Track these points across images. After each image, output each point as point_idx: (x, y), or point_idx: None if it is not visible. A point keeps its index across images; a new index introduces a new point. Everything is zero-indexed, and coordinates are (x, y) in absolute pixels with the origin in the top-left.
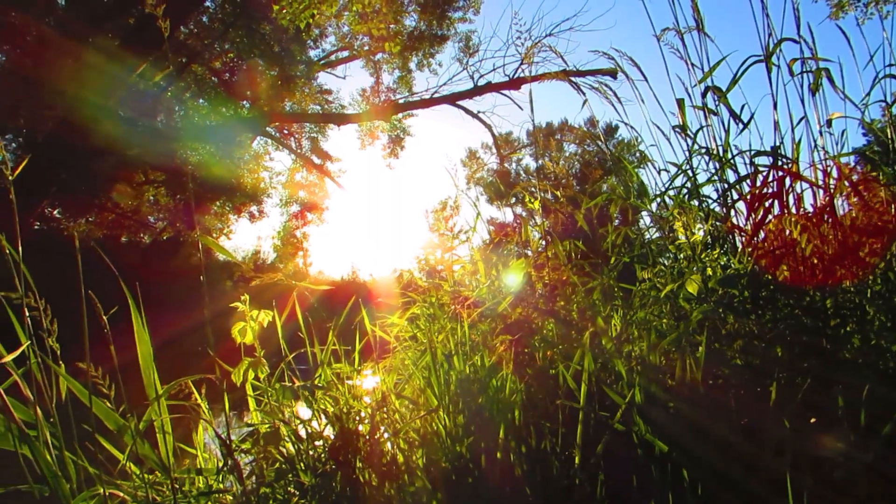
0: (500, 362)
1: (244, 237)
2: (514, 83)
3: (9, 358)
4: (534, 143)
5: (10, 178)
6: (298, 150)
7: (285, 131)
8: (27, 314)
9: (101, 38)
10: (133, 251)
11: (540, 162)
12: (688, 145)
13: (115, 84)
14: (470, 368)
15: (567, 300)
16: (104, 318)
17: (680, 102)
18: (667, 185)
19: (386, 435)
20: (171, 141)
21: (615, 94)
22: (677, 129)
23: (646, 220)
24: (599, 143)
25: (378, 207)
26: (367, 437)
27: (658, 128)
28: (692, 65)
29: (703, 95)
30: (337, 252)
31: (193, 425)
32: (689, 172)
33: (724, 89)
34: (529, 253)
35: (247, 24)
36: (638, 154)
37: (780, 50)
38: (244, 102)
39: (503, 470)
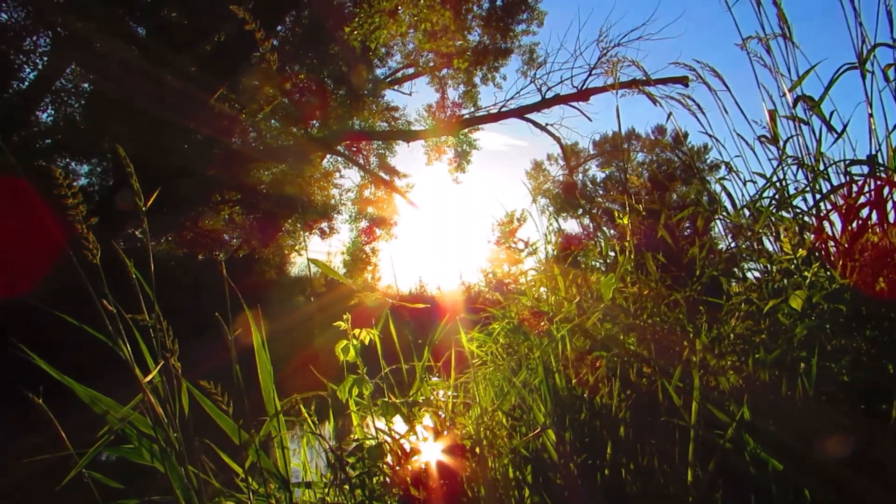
0: (597, 379)
1: (315, 253)
2: (582, 94)
3: (149, 378)
4: (601, 153)
5: (144, 208)
6: (367, 167)
7: (353, 149)
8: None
9: (181, 64)
10: (210, 268)
11: (607, 173)
12: (777, 155)
13: (194, 107)
14: (569, 384)
15: (651, 315)
16: (230, 337)
17: (772, 113)
18: (757, 196)
19: (486, 450)
20: (246, 161)
21: (697, 105)
22: (763, 139)
23: (720, 230)
24: (679, 152)
25: (445, 221)
26: (474, 452)
27: (741, 138)
28: (778, 73)
29: (794, 104)
30: (405, 266)
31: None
32: (780, 183)
33: (814, 98)
34: (598, 265)
35: (316, 46)
36: (709, 163)
37: (875, 56)
38: (314, 122)
39: (615, 486)
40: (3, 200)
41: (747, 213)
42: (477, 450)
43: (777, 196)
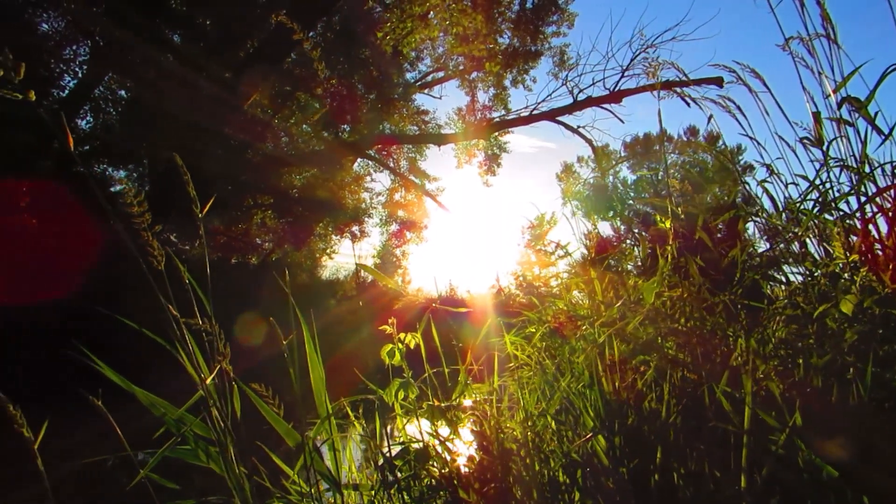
0: (643, 383)
1: (345, 257)
2: (615, 96)
3: (208, 380)
4: (632, 155)
5: (200, 215)
6: (397, 171)
7: (384, 152)
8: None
9: (215, 70)
10: (243, 272)
11: (638, 174)
12: (819, 158)
13: (228, 113)
14: (615, 389)
15: (691, 318)
16: (283, 342)
17: (816, 115)
18: (801, 198)
19: (532, 454)
20: (278, 165)
21: (737, 106)
22: (806, 141)
23: (752, 233)
24: (718, 153)
25: (475, 224)
26: (519, 455)
27: (783, 140)
28: (822, 74)
29: (839, 106)
30: (435, 269)
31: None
32: (823, 186)
33: (860, 99)
34: (631, 267)
35: (346, 51)
36: (743, 164)
37: None
38: (345, 126)
39: (667, 491)
40: (45, 205)
41: (787, 215)
42: (522, 452)
43: (821, 199)
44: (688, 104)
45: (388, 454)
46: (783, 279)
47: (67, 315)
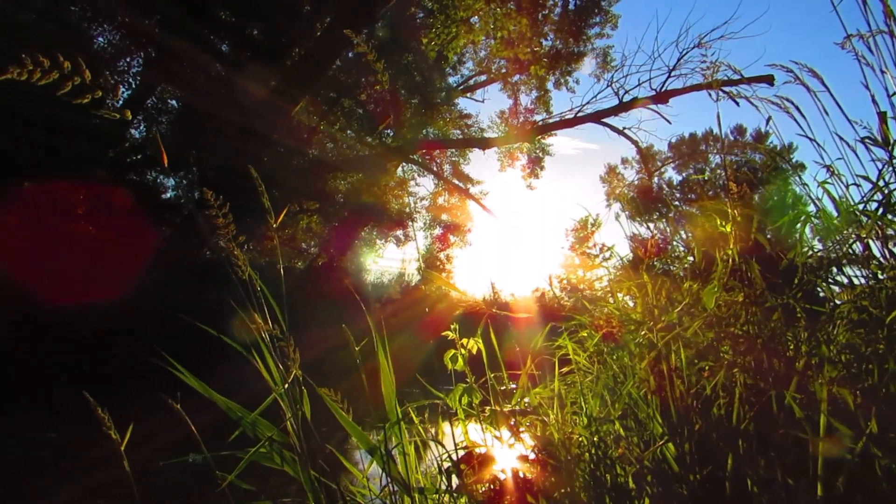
0: (709, 389)
1: (390, 261)
2: (661, 97)
3: (282, 388)
4: (678, 156)
5: (275, 225)
6: (441, 175)
7: (427, 156)
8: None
9: (263, 78)
10: (289, 276)
11: (684, 175)
12: (883, 157)
13: (276, 120)
14: (681, 395)
15: (749, 323)
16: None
17: (882, 115)
18: (865, 199)
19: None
20: (324, 171)
21: (795, 106)
22: (867, 141)
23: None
24: (775, 154)
25: (519, 227)
26: (587, 461)
27: (843, 140)
28: (884, 72)
29: None
30: (478, 272)
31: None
32: (887, 187)
33: None
34: (679, 270)
35: (390, 57)
36: (794, 163)
37: None
38: (388, 131)
39: (741, 499)
40: (101, 212)
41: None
42: (587, 457)
43: (885, 200)
44: (737, 103)
45: (453, 458)
46: (846, 282)
47: (116, 315)
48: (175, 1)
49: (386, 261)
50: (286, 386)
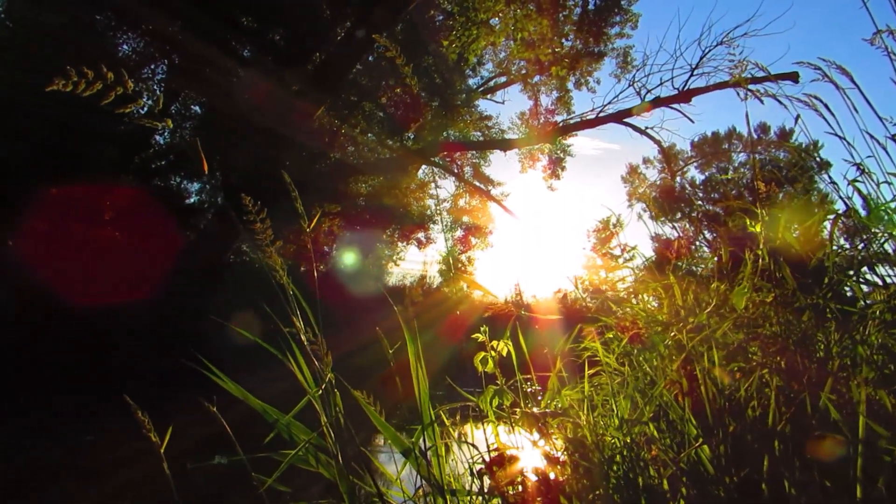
0: (744, 390)
1: (410, 263)
2: (684, 96)
3: (316, 391)
4: (701, 155)
5: (308, 229)
6: (462, 177)
7: (447, 158)
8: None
9: (285, 83)
10: (312, 279)
11: (707, 174)
12: None
13: (298, 124)
14: (715, 396)
15: (779, 324)
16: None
17: None
18: None
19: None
20: (346, 174)
21: (824, 103)
22: None
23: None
24: (799, 151)
25: (540, 228)
26: (619, 463)
27: (872, 137)
28: None
29: None
30: (500, 274)
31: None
32: None
33: None
34: (701, 270)
35: (410, 59)
36: (818, 160)
37: None
38: (409, 134)
39: (777, 500)
40: (127, 217)
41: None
42: (619, 459)
43: None
44: (762, 101)
45: (485, 460)
46: (879, 282)
47: (141, 318)
48: (198, 8)
49: (408, 263)
50: (321, 390)
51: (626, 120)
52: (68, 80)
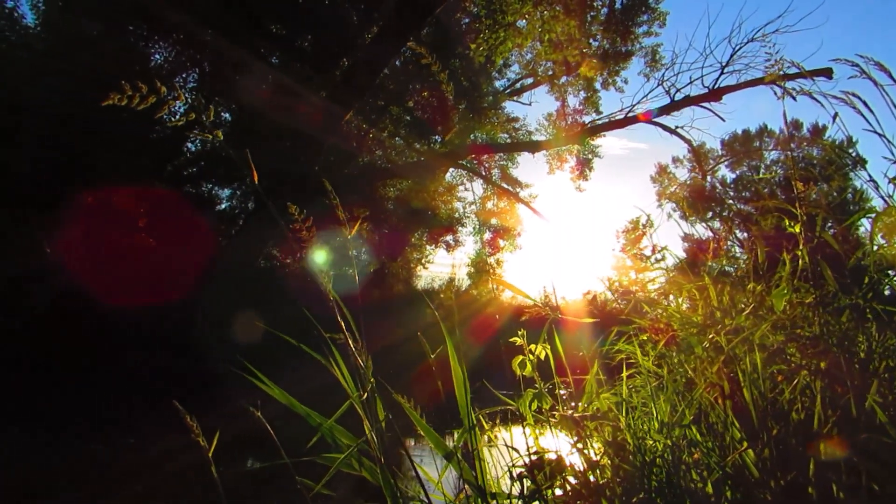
0: (786, 392)
1: (439, 266)
2: (714, 94)
3: (363, 396)
4: (731, 153)
5: (350, 235)
6: (490, 179)
7: (475, 161)
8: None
9: (313, 89)
10: (341, 283)
11: (738, 173)
12: None
13: (326, 131)
14: (759, 399)
15: (823, 325)
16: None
17: None
18: None
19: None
20: (373, 178)
21: (862, 101)
22: None
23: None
24: (834, 149)
25: (568, 229)
26: (661, 467)
27: None
28: None
29: None
30: (528, 275)
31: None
32: None
33: None
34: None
35: (436, 63)
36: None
37: None
38: (436, 137)
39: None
40: (160, 223)
41: None
42: (659, 462)
43: None
44: (794, 98)
45: (525, 464)
46: None
47: (174, 322)
48: (228, 16)
49: (436, 266)
50: (365, 394)
51: (655, 119)
52: (123, 94)
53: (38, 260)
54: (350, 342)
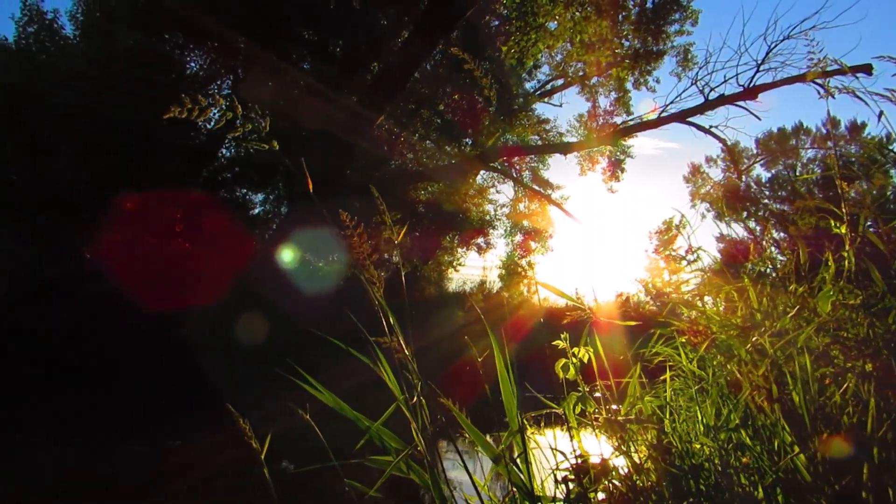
0: (835, 397)
1: (470, 269)
2: (750, 92)
3: (413, 399)
4: (767, 152)
5: (397, 240)
6: (521, 181)
7: (506, 163)
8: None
9: (346, 93)
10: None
11: (773, 172)
12: None
13: (358, 135)
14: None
15: (870, 327)
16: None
17: None
18: None
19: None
20: (405, 181)
21: None
22: None
23: None
24: (885, 150)
25: (600, 231)
26: (709, 471)
27: None
28: None
29: None
30: (560, 277)
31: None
32: None
33: None
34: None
35: (467, 65)
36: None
37: None
38: (467, 140)
39: None
40: (196, 228)
41: None
42: (707, 466)
43: None
44: (832, 96)
45: (570, 467)
46: None
47: (212, 325)
48: (261, 23)
49: (467, 269)
50: (416, 398)
51: (689, 119)
52: (183, 107)
53: (78, 265)
54: (395, 344)
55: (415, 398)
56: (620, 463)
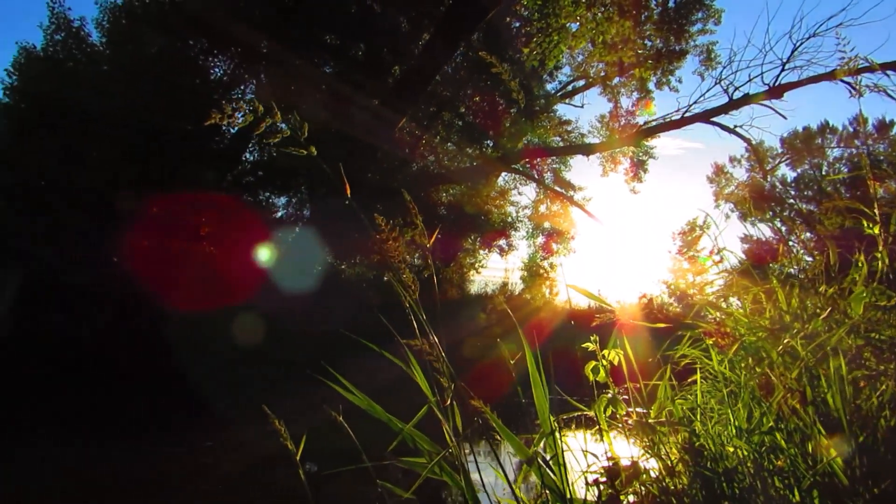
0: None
1: (492, 271)
2: (775, 91)
3: (446, 403)
4: (792, 151)
5: (428, 244)
6: (543, 182)
7: (528, 165)
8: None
9: (367, 97)
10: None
11: (799, 171)
12: None
13: (379, 138)
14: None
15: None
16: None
17: None
18: None
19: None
20: (426, 183)
21: None
22: None
23: None
24: None
25: (623, 232)
26: (743, 474)
27: None
28: None
29: None
30: (583, 279)
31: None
32: None
33: None
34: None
35: (488, 67)
36: None
37: None
38: (488, 142)
39: None
40: (221, 231)
41: None
42: (740, 468)
43: None
44: (861, 94)
45: (601, 469)
46: None
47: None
48: (284, 28)
49: (489, 270)
50: (448, 401)
51: (713, 119)
52: (224, 113)
53: (107, 269)
54: (426, 347)
55: (448, 400)
56: (651, 465)
